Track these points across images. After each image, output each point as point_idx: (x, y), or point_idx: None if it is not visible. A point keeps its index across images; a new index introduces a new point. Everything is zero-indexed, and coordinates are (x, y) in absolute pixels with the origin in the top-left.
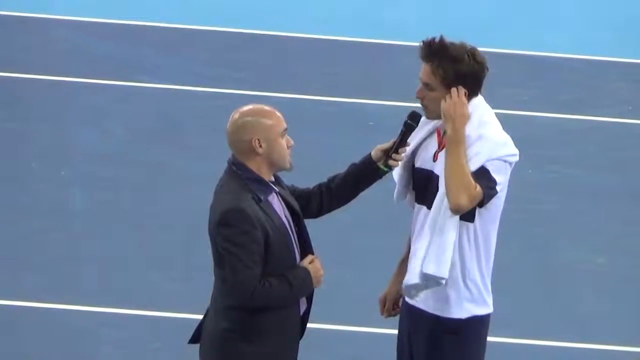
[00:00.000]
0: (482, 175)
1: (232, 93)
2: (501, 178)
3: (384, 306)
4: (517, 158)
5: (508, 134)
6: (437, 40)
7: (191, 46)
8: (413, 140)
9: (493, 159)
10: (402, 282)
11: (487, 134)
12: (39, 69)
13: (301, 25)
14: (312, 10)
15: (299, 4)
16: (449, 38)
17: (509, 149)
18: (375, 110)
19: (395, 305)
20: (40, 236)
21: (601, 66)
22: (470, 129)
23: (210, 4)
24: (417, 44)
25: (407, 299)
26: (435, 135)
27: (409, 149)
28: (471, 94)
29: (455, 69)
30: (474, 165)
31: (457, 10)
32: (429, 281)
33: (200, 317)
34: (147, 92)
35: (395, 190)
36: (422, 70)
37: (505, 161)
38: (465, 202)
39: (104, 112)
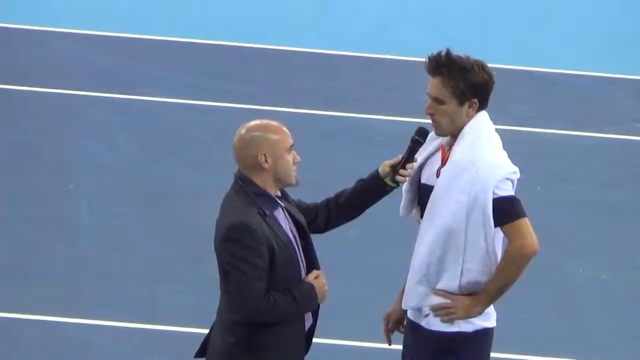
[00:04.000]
0: (504, 206)
1: (238, 107)
2: (511, 192)
3: (388, 324)
4: (518, 175)
5: (517, 150)
6: (443, 53)
7: (197, 60)
8: (420, 155)
9: (497, 183)
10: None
11: (480, 158)
12: (44, 82)
13: (308, 40)
14: (319, 26)
15: (306, 19)
16: (458, 54)
17: (507, 168)
18: (383, 126)
19: (399, 324)
20: (47, 249)
21: (609, 83)
22: (463, 151)
23: (216, 17)
24: (424, 59)
25: (409, 315)
26: (440, 151)
27: (416, 164)
28: (481, 107)
29: (466, 79)
30: (484, 198)
31: (464, 26)
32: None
33: (206, 331)
34: (152, 105)
35: (401, 204)
36: (431, 84)
37: (507, 179)
38: (532, 247)
39: (110, 126)
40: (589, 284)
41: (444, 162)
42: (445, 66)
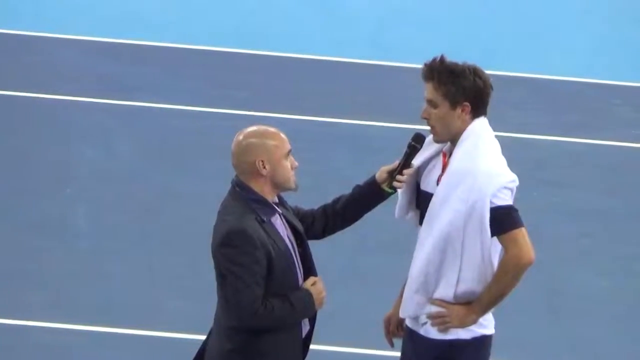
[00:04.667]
0: (501, 215)
1: (235, 113)
2: (508, 202)
3: (388, 328)
4: (516, 183)
5: (512, 157)
6: (437, 59)
7: (194, 66)
8: (418, 158)
9: (494, 192)
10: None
11: (477, 166)
12: (43, 88)
13: (305, 46)
14: (316, 32)
15: (303, 26)
16: (455, 60)
17: (505, 176)
18: (378, 132)
19: (400, 327)
20: (44, 254)
21: (606, 90)
22: (461, 159)
23: (213, 24)
24: (420, 66)
25: (407, 323)
26: (441, 157)
27: (413, 168)
28: (475, 112)
29: (457, 83)
30: (482, 207)
31: (462, 32)
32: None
33: (203, 337)
34: (150, 111)
35: (397, 205)
36: (426, 89)
37: (505, 187)
38: (528, 257)
39: (108, 132)
40: (587, 290)
41: (444, 169)
42: (437, 71)
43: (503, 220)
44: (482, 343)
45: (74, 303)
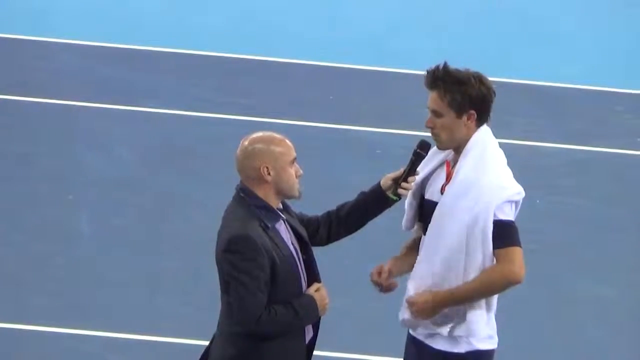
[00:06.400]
0: (502, 230)
1: (239, 119)
2: (510, 217)
3: (379, 275)
4: (522, 195)
5: (515, 164)
6: (441, 67)
7: (199, 72)
8: (424, 169)
9: (499, 205)
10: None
11: (484, 178)
12: (47, 93)
13: (309, 52)
14: (320, 38)
15: (307, 32)
16: (458, 67)
17: (511, 189)
18: (382, 139)
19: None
20: (47, 260)
21: (610, 97)
22: (467, 170)
23: (218, 29)
24: (424, 72)
25: (411, 331)
26: (445, 166)
27: (419, 178)
28: (480, 119)
29: (462, 91)
30: (485, 219)
31: (466, 39)
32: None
33: (206, 343)
34: (154, 117)
35: (404, 218)
36: (430, 98)
37: (510, 201)
38: (519, 276)
39: (111, 137)
40: (589, 297)
41: (448, 178)
42: (441, 79)
43: (503, 235)
44: (486, 355)
45: (76, 308)
